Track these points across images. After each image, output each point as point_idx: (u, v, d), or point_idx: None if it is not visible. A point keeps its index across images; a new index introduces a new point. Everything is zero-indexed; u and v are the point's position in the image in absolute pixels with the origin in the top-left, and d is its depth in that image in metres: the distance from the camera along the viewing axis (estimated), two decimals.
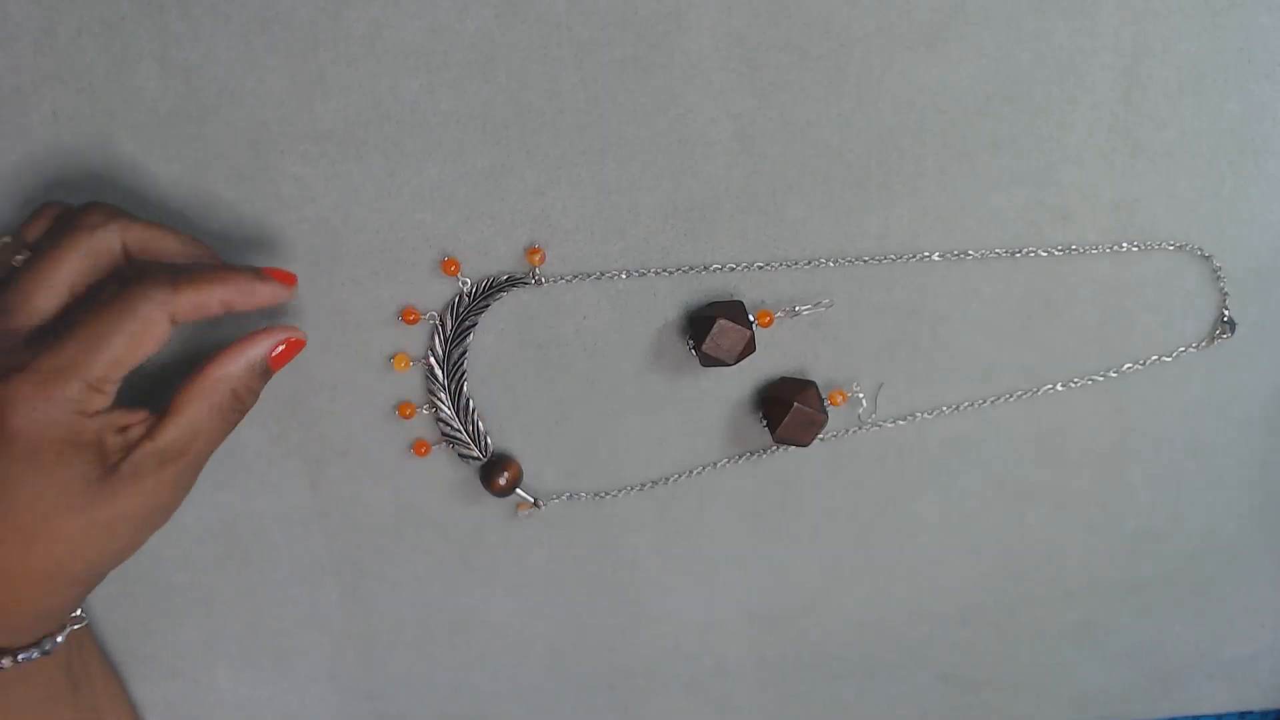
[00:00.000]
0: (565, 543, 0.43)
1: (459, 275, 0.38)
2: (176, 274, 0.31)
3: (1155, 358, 0.42)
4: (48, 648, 0.34)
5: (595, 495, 0.42)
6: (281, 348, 0.34)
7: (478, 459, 0.40)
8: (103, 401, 0.30)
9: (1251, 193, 0.40)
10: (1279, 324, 0.42)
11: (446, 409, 0.40)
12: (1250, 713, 0.49)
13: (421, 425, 0.40)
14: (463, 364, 0.39)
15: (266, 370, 0.34)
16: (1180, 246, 0.40)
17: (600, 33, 0.36)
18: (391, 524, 0.42)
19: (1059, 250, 0.40)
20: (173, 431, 0.32)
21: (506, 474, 0.40)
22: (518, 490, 0.41)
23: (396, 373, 0.39)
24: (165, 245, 0.33)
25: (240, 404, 0.33)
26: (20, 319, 0.30)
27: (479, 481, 0.41)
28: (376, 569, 0.43)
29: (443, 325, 0.39)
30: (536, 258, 0.38)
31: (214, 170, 0.36)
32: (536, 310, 0.39)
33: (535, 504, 0.41)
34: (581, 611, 0.44)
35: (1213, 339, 0.42)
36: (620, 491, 0.42)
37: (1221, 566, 0.46)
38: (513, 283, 0.38)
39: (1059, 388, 0.42)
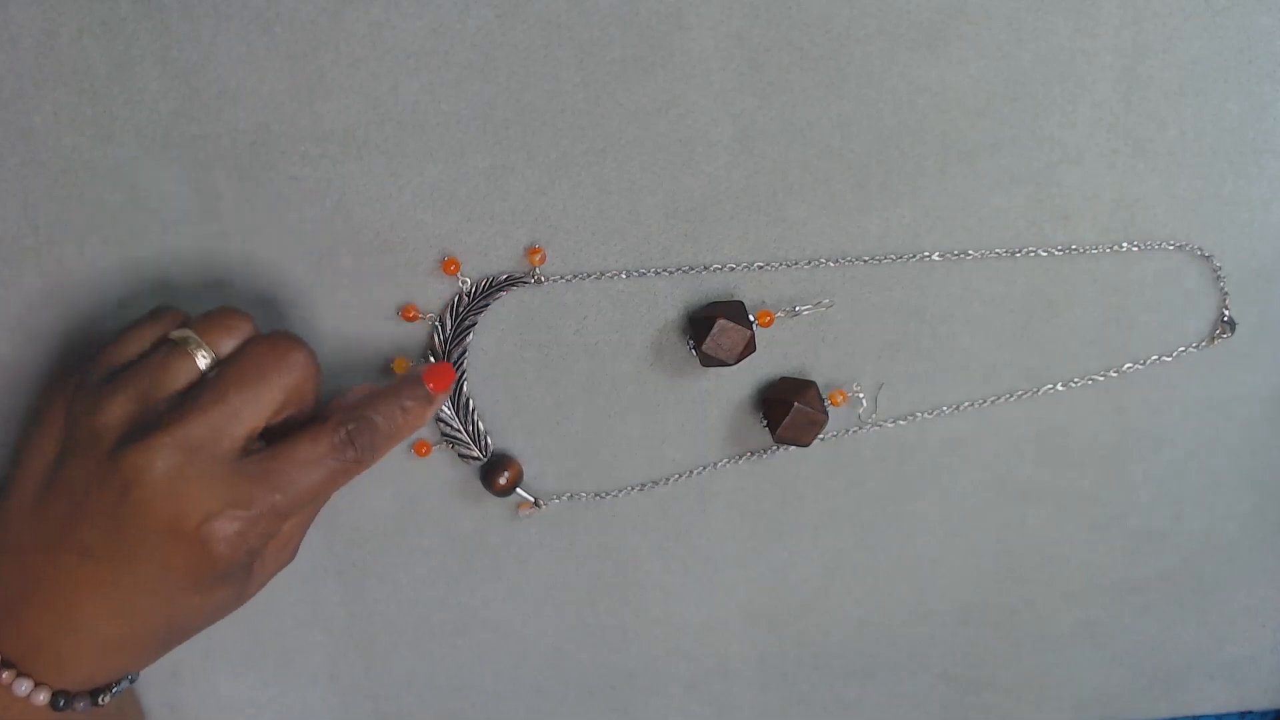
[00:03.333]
0: (566, 543, 0.43)
1: (459, 275, 0.38)
2: (373, 441, 0.33)
3: (1155, 358, 0.42)
4: (131, 679, 0.36)
5: (596, 495, 0.42)
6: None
7: (478, 459, 0.40)
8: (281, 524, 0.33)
9: (1251, 193, 0.40)
10: (1279, 324, 0.42)
11: (447, 409, 0.40)
12: (1251, 713, 0.49)
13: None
14: (463, 364, 0.39)
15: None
16: (1180, 246, 0.40)
17: (600, 33, 0.36)
18: (392, 524, 0.42)
19: (1059, 250, 0.40)
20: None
21: (507, 474, 0.40)
22: (518, 490, 0.41)
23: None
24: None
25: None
26: (225, 445, 0.31)
27: (480, 482, 0.41)
28: (378, 569, 0.43)
29: (442, 325, 0.39)
30: (537, 258, 0.38)
31: (214, 170, 0.36)
32: (537, 310, 0.39)
33: (536, 504, 0.41)
34: (582, 611, 0.44)
35: (1213, 339, 0.42)
36: (621, 491, 0.42)
37: (1221, 566, 0.46)
38: (513, 282, 0.38)
39: (1059, 388, 0.42)
